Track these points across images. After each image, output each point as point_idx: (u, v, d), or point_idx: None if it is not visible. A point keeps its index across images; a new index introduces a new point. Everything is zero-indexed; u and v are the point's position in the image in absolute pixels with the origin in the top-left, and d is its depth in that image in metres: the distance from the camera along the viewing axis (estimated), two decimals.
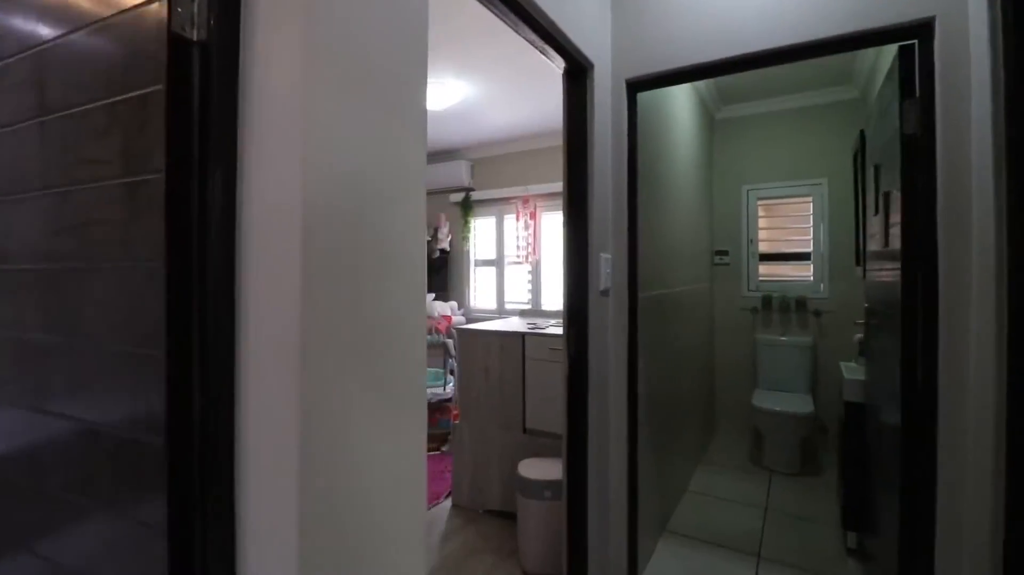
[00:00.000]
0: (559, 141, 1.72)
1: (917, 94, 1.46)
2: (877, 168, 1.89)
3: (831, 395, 3.34)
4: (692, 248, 3.14)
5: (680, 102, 2.86)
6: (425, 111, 0.91)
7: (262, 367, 0.73)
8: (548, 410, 2.41)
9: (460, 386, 2.73)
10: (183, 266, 0.75)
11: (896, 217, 1.58)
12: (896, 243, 1.58)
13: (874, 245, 1.99)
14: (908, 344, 1.45)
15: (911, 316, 1.44)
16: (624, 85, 1.79)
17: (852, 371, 2.36)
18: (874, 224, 1.96)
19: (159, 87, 0.76)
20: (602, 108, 1.73)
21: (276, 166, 0.73)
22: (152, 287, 0.75)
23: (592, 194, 1.68)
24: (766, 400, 3.17)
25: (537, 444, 2.45)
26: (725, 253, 3.76)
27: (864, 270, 2.39)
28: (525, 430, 2.51)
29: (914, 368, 1.44)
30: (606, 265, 1.75)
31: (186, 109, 0.75)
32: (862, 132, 2.48)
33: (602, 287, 1.73)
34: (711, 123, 3.78)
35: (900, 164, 1.50)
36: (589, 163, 1.68)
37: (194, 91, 0.76)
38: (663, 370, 2.39)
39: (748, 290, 3.69)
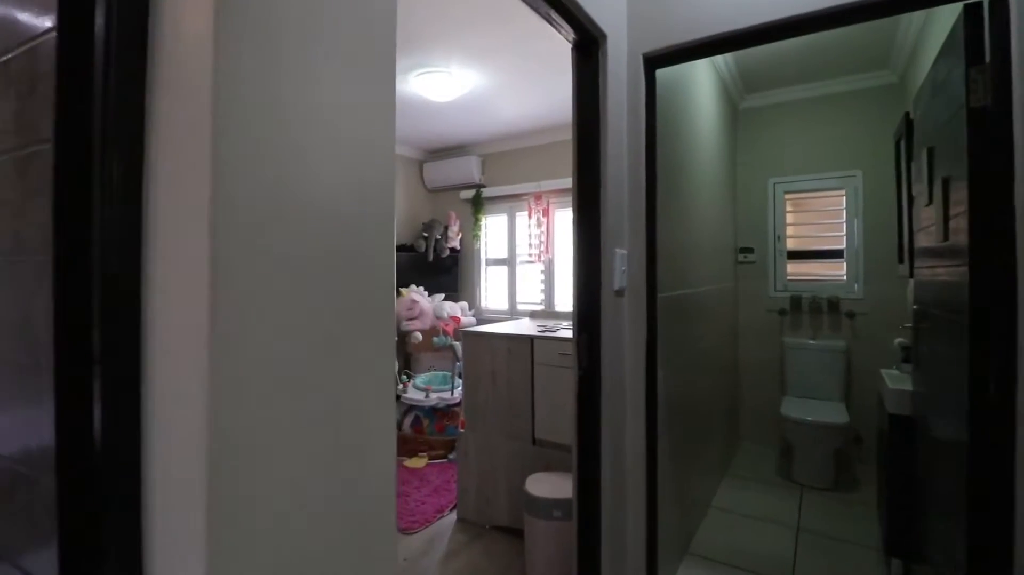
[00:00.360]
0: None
1: (987, 59, 1.24)
2: (930, 152, 1.67)
3: (866, 403, 3.09)
4: (714, 245, 2.92)
5: (702, 87, 2.66)
6: (393, 66, 0.74)
7: (172, 390, 0.57)
8: (559, 419, 2.23)
9: (466, 392, 2.57)
10: (77, 258, 0.59)
11: (959, 207, 1.36)
12: (959, 237, 1.37)
13: (926, 240, 1.77)
14: (977, 351, 1.24)
15: (982, 319, 1.22)
16: (641, 60, 1.60)
17: (896, 379, 2.13)
18: (926, 216, 1.74)
19: (51, 34, 0.61)
20: (616, 86, 1.55)
21: (185, 135, 0.56)
22: (41, 285, 0.60)
23: (605, 182, 1.50)
24: (796, 409, 2.94)
25: (547, 456, 2.27)
26: (750, 251, 3.52)
27: (911, 268, 2.15)
28: (534, 441, 2.33)
29: (985, 379, 1.22)
30: (621, 262, 1.56)
31: (84, 61, 0.60)
32: (907, 115, 2.24)
33: (617, 286, 1.54)
34: (734, 113, 3.55)
35: (966, 144, 1.28)
36: (602, 147, 1.50)
37: (96, 37, 0.60)
38: (684, 376, 2.19)
39: (775, 290, 3.45)
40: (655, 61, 1.61)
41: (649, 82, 1.62)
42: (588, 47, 1.48)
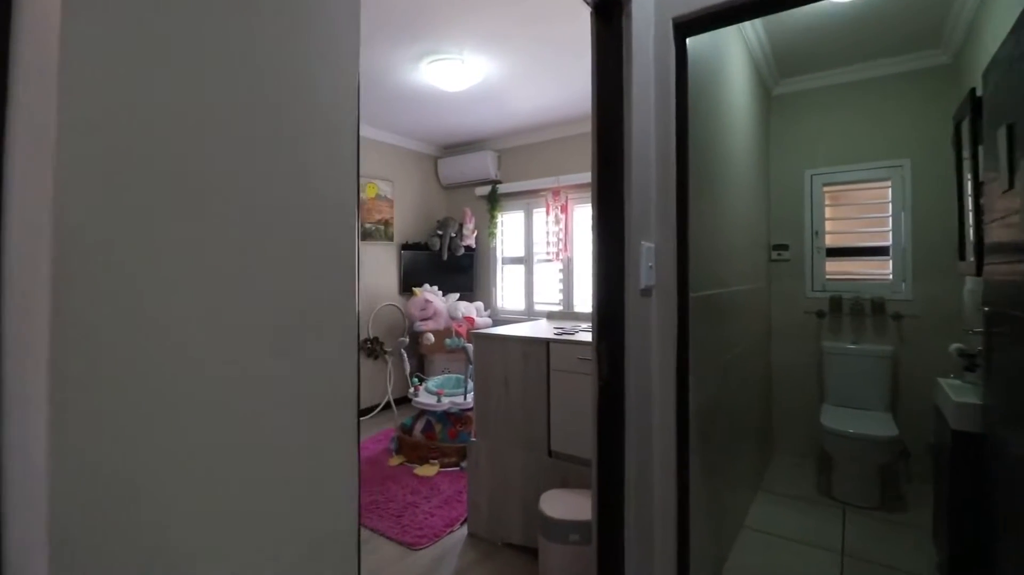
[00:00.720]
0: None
1: None
2: (1011, 129, 1.44)
3: (915, 414, 2.83)
4: (746, 241, 2.70)
5: (734, 68, 2.44)
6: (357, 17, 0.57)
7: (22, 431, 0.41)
8: (576, 431, 2.04)
9: (476, 399, 2.40)
10: None
11: None
12: None
13: (1003, 232, 1.53)
14: None
15: None
16: (670, 25, 1.40)
17: (960, 391, 1.89)
18: (1004, 205, 1.50)
19: None
20: (642, 55, 1.36)
21: (35, 105, 0.40)
22: None
23: (630, 164, 1.31)
24: (838, 420, 2.69)
25: (564, 469, 2.09)
26: (784, 248, 3.28)
27: (979, 265, 1.91)
28: (550, 452, 2.15)
29: None
30: (648, 256, 1.37)
31: None
32: (972, 92, 2.00)
33: (643, 284, 1.35)
34: (767, 100, 3.31)
35: None
36: (626, 124, 1.31)
37: None
38: (715, 383, 1.98)
39: (812, 290, 3.20)
40: (686, 27, 1.41)
41: (680, 51, 1.43)
42: (610, 9, 1.29)
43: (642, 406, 1.39)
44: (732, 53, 2.42)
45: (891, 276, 3.00)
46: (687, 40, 1.45)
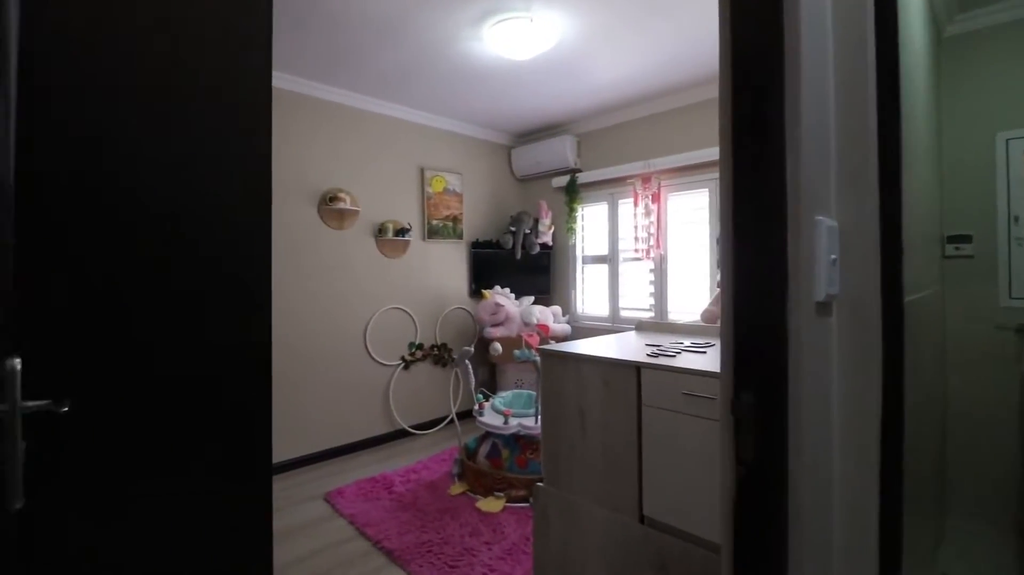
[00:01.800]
0: (690, 98, 0.84)
1: None
2: None
3: None
4: (918, 231, 1.95)
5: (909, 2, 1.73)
6: None
7: None
8: (680, 493, 1.47)
9: (544, 434, 1.89)
10: None
11: None
12: None
13: None
14: None
15: None
16: None
17: None
18: None
19: None
20: None
21: None
22: None
23: (799, 84, 0.74)
24: None
25: (662, 545, 1.52)
26: (966, 239, 2.44)
27: None
28: (642, 519, 1.59)
29: None
30: (830, 241, 0.78)
31: None
32: None
33: (822, 294, 0.77)
34: (938, 43, 2.49)
35: None
36: (785, 13, 0.74)
37: None
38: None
39: (1010, 297, 2.33)
40: None
41: None
42: None
43: (820, 505, 0.80)
44: None
45: None
46: None
